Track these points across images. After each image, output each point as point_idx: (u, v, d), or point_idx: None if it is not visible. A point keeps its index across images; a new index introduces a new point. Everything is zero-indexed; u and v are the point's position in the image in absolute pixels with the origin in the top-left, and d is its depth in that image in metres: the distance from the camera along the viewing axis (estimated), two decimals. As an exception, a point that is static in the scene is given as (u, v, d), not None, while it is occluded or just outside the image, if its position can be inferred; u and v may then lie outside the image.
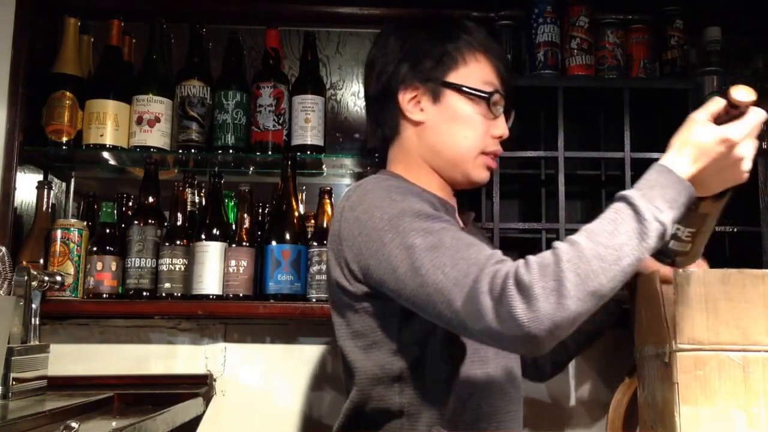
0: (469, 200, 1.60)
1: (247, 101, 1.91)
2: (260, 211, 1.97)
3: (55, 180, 2.03)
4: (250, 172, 2.06)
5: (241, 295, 1.77)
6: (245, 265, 1.78)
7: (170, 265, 1.79)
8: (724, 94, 1.06)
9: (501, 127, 1.25)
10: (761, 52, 2.09)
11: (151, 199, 1.86)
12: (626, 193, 0.99)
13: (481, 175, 1.26)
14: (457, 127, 1.22)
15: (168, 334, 1.93)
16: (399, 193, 1.10)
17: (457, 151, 1.23)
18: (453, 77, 1.22)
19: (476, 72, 1.22)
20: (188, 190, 1.88)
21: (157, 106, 1.87)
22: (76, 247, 1.80)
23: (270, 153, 1.89)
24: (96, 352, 1.90)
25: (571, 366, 1.91)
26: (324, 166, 2.03)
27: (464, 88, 1.21)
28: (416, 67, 1.22)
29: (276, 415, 1.89)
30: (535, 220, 2.01)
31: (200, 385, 1.80)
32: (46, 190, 1.89)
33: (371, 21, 2.04)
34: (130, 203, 1.97)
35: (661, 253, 1.18)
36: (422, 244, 0.99)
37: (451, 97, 1.22)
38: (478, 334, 0.95)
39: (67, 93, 1.86)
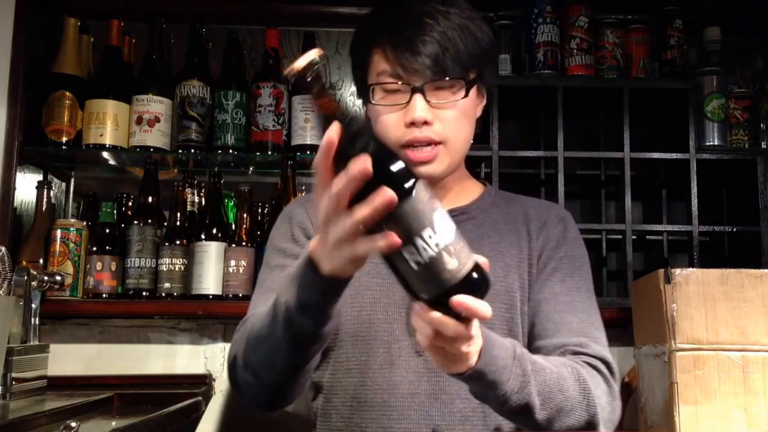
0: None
1: (246, 101, 1.91)
2: (260, 211, 1.97)
3: (55, 180, 2.03)
4: (250, 172, 2.06)
5: (240, 295, 1.77)
6: (245, 265, 1.79)
7: (170, 265, 1.79)
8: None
9: (409, 112, 1.09)
10: (761, 52, 2.09)
11: (150, 199, 1.86)
12: None
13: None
14: (377, 125, 1.16)
15: (168, 334, 1.93)
16: (280, 219, 1.25)
17: None
18: (369, 77, 1.16)
19: (375, 66, 1.13)
20: (188, 190, 1.89)
21: (156, 106, 1.87)
22: (75, 246, 1.80)
23: (270, 153, 1.89)
24: (96, 352, 1.90)
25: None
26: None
27: (360, 87, 1.17)
28: (354, 73, 1.23)
29: (275, 415, 1.89)
30: (534, 220, 2.01)
31: (200, 385, 1.80)
32: (45, 190, 1.89)
33: (371, 21, 2.04)
34: (130, 203, 1.97)
35: None
36: (260, 277, 1.21)
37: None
38: None
39: (67, 93, 1.86)
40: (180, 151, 1.89)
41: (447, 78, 1.07)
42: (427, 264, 0.76)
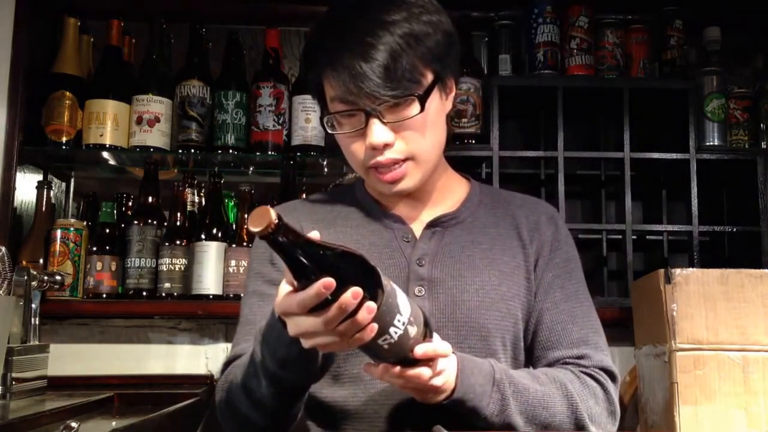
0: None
1: (246, 101, 1.91)
2: (260, 211, 1.97)
3: (55, 180, 2.03)
4: (250, 172, 2.06)
5: (241, 294, 1.77)
6: (245, 265, 1.78)
7: (170, 265, 1.79)
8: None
9: (367, 136, 1.06)
10: (761, 52, 2.09)
11: (151, 199, 1.86)
12: None
13: (382, 188, 1.13)
14: (343, 151, 1.15)
15: (168, 334, 1.93)
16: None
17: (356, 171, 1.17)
18: (327, 104, 1.12)
19: (327, 93, 1.10)
20: (188, 190, 1.89)
21: (156, 106, 1.87)
22: (75, 247, 1.80)
23: (270, 153, 1.89)
24: (96, 352, 1.90)
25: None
26: (324, 166, 2.03)
27: (322, 115, 1.14)
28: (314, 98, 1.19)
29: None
30: (534, 220, 2.00)
31: (200, 385, 1.79)
32: (45, 190, 1.89)
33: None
34: (130, 203, 1.98)
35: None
36: (242, 301, 1.22)
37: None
38: None
39: (67, 93, 1.86)
40: (180, 151, 1.89)
41: (396, 98, 1.02)
42: (396, 341, 0.84)
